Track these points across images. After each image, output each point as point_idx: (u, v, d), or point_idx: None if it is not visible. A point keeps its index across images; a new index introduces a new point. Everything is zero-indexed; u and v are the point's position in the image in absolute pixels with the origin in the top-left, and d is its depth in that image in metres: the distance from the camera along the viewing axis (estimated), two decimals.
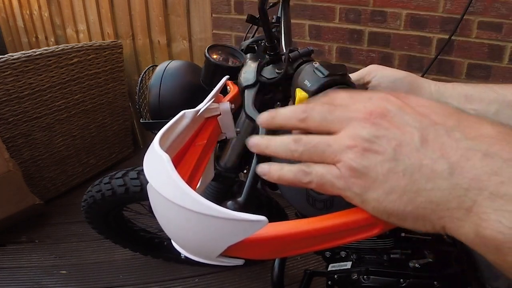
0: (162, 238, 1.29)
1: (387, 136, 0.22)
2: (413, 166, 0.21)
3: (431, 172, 0.21)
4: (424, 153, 0.21)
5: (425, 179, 0.21)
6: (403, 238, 0.69)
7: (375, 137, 0.23)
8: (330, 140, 0.24)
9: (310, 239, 0.26)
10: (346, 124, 0.24)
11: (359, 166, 0.23)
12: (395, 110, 0.23)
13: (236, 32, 1.60)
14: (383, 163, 0.22)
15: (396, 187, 0.22)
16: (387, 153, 0.22)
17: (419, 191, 0.21)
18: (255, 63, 0.47)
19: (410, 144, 0.22)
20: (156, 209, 0.27)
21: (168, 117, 0.34)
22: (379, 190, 0.22)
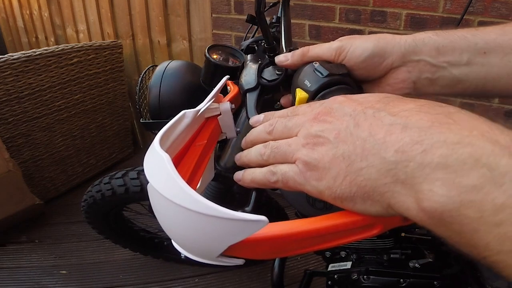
0: (162, 238, 1.29)
1: (329, 128, 0.25)
2: (349, 148, 0.23)
3: (362, 150, 0.22)
4: (356, 135, 0.23)
5: (359, 158, 0.23)
6: (403, 238, 0.69)
7: (321, 131, 0.25)
8: (289, 141, 0.28)
9: (310, 239, 0.26)
10: (301, 127, 0.27)
11: (310, 159, 0.25)
12: (337, 106, 0.26)
13: (236, 32, 1.60)
14: (327, 151, 0.24)
15: (340, 171, 0.24)
16: (329, 143, 0.25)
17: (357, 171, 0.23)
18: (256, 65, 0.47)
19: (346, 130, 0.24)
20: (156, 209, 0.27)
21: (168, 117, 0.34)
22: (328, 177, 0.24)
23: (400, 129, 0.21)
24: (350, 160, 0.23)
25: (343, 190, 0.24)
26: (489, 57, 0.36)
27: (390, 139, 0.21)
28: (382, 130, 0.22)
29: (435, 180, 0.18)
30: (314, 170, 0.25)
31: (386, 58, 0.38)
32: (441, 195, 0.18)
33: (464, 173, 0.18)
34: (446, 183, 0.18)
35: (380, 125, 0.22)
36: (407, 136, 0.20)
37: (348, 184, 0.23)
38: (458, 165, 0.18)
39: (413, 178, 0.20)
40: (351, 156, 0.23)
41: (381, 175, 0.21)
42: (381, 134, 0.22)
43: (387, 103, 0.24)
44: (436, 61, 0.37)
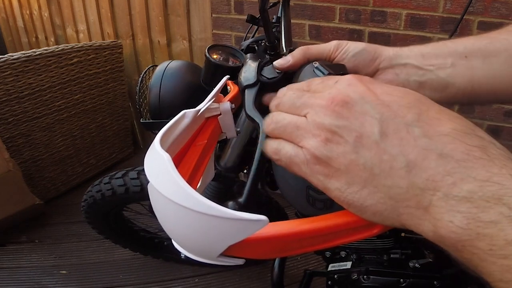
0: (162, 238, 1.29)
1: (348, 127, 0.23)
2: (373, 160, 0.22)
3: (390, 168, 0.21)
4: (384, 148, 0.21)
5: (384, 175, 0.21)
6: (403, 238, 0.69)
7: (336, 126, 0.23)
8: (297, 122, 0.25)
9: (310, 239, 0.26)
10: (310, 110, 0.25)
11: (321, 155, 0.23)
12: (357, 98, 0.23)
13: (236, 32, 1.61)
14: (345, 154, 0.22)
15: (357, 179, 0.22)
16: (348, 145, 0.22)
17: (378, 186, 0.22)
18: (255, 63, 0.47)
19: (370, 137, 0.22)
20: (156, 209, 0.27)
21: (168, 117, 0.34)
22: (341, 180, 0.23)
23: (435, 156, 0.20)
24: (373, 173, 0.22)
25: (356, 199, 0.23)
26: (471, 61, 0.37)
27: (423, 164, 0.20)
28: (415, 152, 0.21)
29: (457, 213, 0.19)
30: (324, 166, 0.23)
31: (376, 57, 0.41)
32: (460, 227, 0.19)
33: (485, 210, 0.18)
34: (467, 217, 0.19)
35: (413, 145, 0.21)
36: (441, 166, 0.20)
37: (363, 196, 0.22)
38: (482, 202, 0.18)
39: (436, 207, 0.20)
40: (374, 169, 0.22)
41: (405, 198, 0.21)
42: (413, 156, 0.21)
43: (419, 114, 0.22)
44: (422, 64, 0.39)
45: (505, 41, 0.37)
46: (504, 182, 0.19)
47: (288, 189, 0.61)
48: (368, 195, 0.22)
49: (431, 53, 0.39)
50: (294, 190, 0.59)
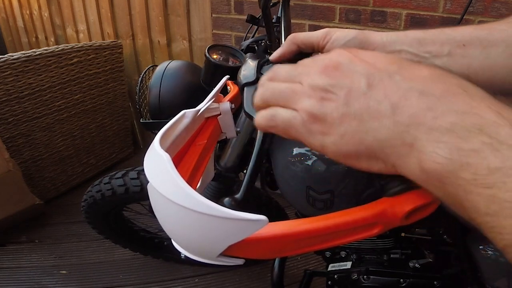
0: (162, 238, 1.29)
1: (339, 85, 0.25)
2: (361, 108, 0.23)
3: (376, 112, 0.23)
4: (370, 96, 0.23)
5: (371, 119, 0.23)
6: (403, 238, 0.69)
7: (330, 85, 0.25)
8: (293, 86, 0.27)
9: (310, 239, 0.26)
10: (305, 76, 0.26)
11: (318, 112, 0.25)
12: (346, 62, 0.26)
13: (236, 32, 1.60)
14: (337, 108, 0.24)
15: (349, 129, 0.24)
16: (340, 100, 0.24)
17: (368, 130, 0.23)
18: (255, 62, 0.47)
19: (358, 90, 0.24)
20: (156, 209, 0.27)
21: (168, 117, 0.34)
22: (335, 133, 0.24)
23: (417, 95, 0.22)
24: (361, 120, 0.23)
25: (350, 148, 0.24)
26: (468, 49, 0.37)
27: (405, 103, 0.22)
28: (397, 94, 0.23)
29: (441, 143, 0.20)
30: (320, 124, 0.25)
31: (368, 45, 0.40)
32: (443, 157, 0.20)
33: (467, 139, 0.19)
34: (449, 147, 0.20)
35: (395, 89, 0.23)
36: (423, 103, 0.21)
37: (356, 142, 0.24)
38: (463, 132, 0.19)
39: (420, 141, 0.21)
40: (363, 115, 0.23)
41: (391, 137, 0.22)
42: (396, 98, 0.22)
43: (400, 66, 0.24)
44: (418, 51, 0.38)
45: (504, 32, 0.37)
46: (483, 114, 0.20)
47: (288, 189, 0.61)
48: (359, 141, 0.23)
49: (427, 39, 0.38)
50: (294, 190, 0.59)
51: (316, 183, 0.55)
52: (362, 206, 0.26)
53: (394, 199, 0.25)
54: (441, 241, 0.68)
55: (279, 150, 0.59)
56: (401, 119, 0.22)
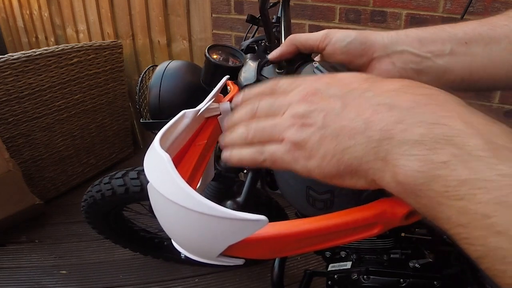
0: (162, 238, 1.29)
1: (317, 109, 0.25)
2: (336, 128, 0.24)
3: (350, 130, 0.23)
4: (344, 116, 0.24)
5: (347, 138, 0.23)
6: (403, 238, 0.69)
7: (308, 112, 0.26)
8: (275, 121, 0.28)
9: (310, 239, 0.26)
10: (287, 108, 0.27)
11: (299, 139, 0.25)
12: (323, 87, 0.27)
13: (236, 32, 1.61)
14: (316, 132, 0.25)
15: (328, 150, 0.24)
16: (317, 124, 0.25)
17: (344, 149, 0.24)
18: (255, 63, 0.47)
19: (333, 111, 0.25)
20: (156, 209, 0.27)
21: (168, 117, 0.34)
22: (317, 157, 0.25)
23: (386, 109, 0.22)
24: (338, 140, 0.24)
25: (332, 169, 0.24)
26: (471, 47, 0.37)
27: (376, 118, 0.22)
28: (369, 110, 0.23)
29: (411, 156, 0.20)
30: (303, 150, 0.25)
31: (369, 46, 0.39)
32: (414, 170, 0.20)
33: (436, 151, 0.19)
34: (420, 159, 0.20)
35: (367, 106, 0.23)
36: (392, 116, 0.22)
37: (336, 163, 0.24)
38: (432, 143, 0.19)
39: (392, 155, 0.21)
40: (339, 136, 0.24)
41: (365, 153, 0.23)
42: (368, 114, 0.23)
43: (372, 83, 0.25)
44: (420, 51, 0.38)
45: (506, 27, 0.37)
46: (452, 123, 0.20)
47: (288, 189, 0.61)
48: (339, 161, 0.24)
49: (428, 38, 0.38)
50: (294, 190, 0.59)
51: (316, 183, 0.55)
52: (362, 206, 0.26)
53: (394, 199, 0.25)
54: (441, 241, 0.68)
55: None
56: (373, 134, 0.22)
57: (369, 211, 0.25)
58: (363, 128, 0.23)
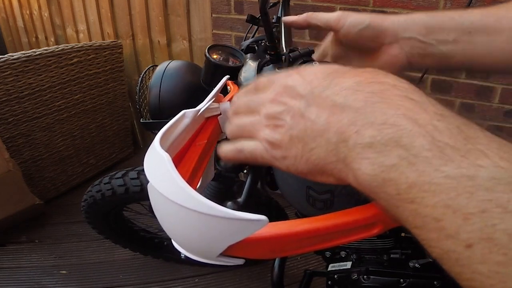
0: (162, 238, 1.29)
1: (286, 110, 0.26)
2: (301, 130, 0.24)
3: (312, 132, 0.24)
4: (307, 116, 0.24)
5: (310, 140, 0.24)
6: (403, 238, 0.69)
7: (279, 113, 0.26)
8: (253, 120, 0.29)
9: (310, 239, 0.26)
10: (263, 107, 0.28)
11: (273, 139, 0.26)
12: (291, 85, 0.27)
13: (236, 32, 1.61)
14: (286, 133, 0.26)
15: (297, 151, 0.25)
16: (287, 125, 0.26)
17: (310, 150, 0.24)
18: (255, 63, 0.47)
19: (299, 112, 0.25)
20: (156, 209, 0.27)
21: (168, 117, 0.34)
22: (290, 156, 0.26)
23: (339, 110, 0.22)
24: (304, 142, 0.24)
25: (303, 167, 0.25)
26: (474, 37, 0.39)
27: (332, 120, 0.23)
28: (326, 111, 0.23)
29: (363, 159, 0.20)
30: (278, 149, 0.26)
31: (380, 33, 0.42)
32: (367, 174, 0.20)
33: (386, 153, 0.19)
34: (372, 163, 0.20)
35: (324, 106, 0.23)
36: (345, 117, 0.22)
37: (305, 162, 0.25)
38: (382, 146, 0.19)
39: (348, 158, 0.21)
40: (304, 138, 0.24)
41: (327, 155, 0.23)
42: (325, 115, 0.23)
43: (332, 79, 0.25)
44: (426, 39, 0.41)
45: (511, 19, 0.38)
46: (400, 123, 0.19)
47: (288, 189, 0.61)
48: (307, 160, 0.24)
49: (435, 26, 0.41)
50: (294, 190, 0.59)
51: (316, 183, 0.55)
52: (362, 206, 0.26)
53: None
54: None
55: None
56: (330, 136, 0.22)
57: (369, 211, 0.25)
58: (322, 130, 0.23)
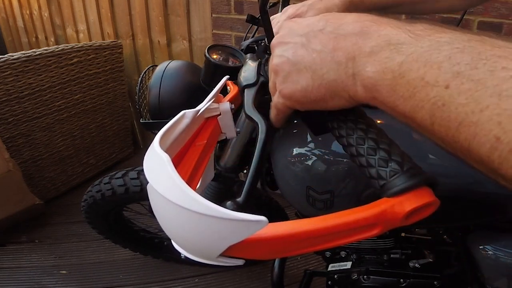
0: (162, 238, 1.29)
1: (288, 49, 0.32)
2: (308, 61, 0.30)
3: (321, 60, 0.29)
4: (311, 49, 0.30)
5: (319, 67, 0.29)
6: (403, 238, 0.69)
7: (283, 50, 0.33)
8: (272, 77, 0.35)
9: (310, 239, 0.26)
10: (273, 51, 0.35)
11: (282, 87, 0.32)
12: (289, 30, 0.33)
13: (236, 32, 1.60)
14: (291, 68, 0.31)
15: (308, 80, 0.30)
16: (289, 61, 0.31)
17: (322, 76, 0.29)
18: (255, 63, 0.47)
19: (301, 47, 0.31)
20: (156, 209, 0.27)
21: (168, 117, 0.34)
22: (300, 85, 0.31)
23: (343, 38, 0.28)
24: (313, 70, 0.29)
25: (316, 95, 0.30)
26: None
27: (338, 46, 0.28)
28: (331, 42, 0.29)
29: (368, 64, 0.26)
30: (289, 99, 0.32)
31: None
32: (372, 72, 0.25)
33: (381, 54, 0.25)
34: (373, 64, 0.25)
35: (328, 39, 0.29)
36: (349, 42, 0.28)
37: (317, 89, 0.30)
38: (379, 49, 0.25)
39: (356, 69, 0.27)
40: (312, 67, 0.30)
41: (338, 76, 0.28)
42: (331, 45, 0.29)
43: (328, 20, 0.31)
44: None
45: None
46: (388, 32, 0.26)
47: (288, 189, 0.61)
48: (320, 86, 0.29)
49: None
50: (294, 190, 0.59)
51: (316, 183, 0.55)
52: (362, 206, 0.26)
53: (394, 199, 0.25)
54: (441, 241, 0.68)
55: (279, 150, 0.59)
56: (340, 59, 0.28)
57: (369, 212, 0.25)
58: (331, 55, 0.28)
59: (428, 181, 0.25)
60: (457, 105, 0.20)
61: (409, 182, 0.25)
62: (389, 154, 0.28)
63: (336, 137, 0.33)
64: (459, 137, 0.21)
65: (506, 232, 0.58)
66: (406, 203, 0.25)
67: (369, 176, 0.28)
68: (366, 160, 0.29)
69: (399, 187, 0.25)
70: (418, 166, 0.27)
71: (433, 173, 0.26)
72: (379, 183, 0.27)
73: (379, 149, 0.28)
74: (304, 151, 0.56)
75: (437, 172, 0.50)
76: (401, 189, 0.25)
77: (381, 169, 0.27)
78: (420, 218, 0.26)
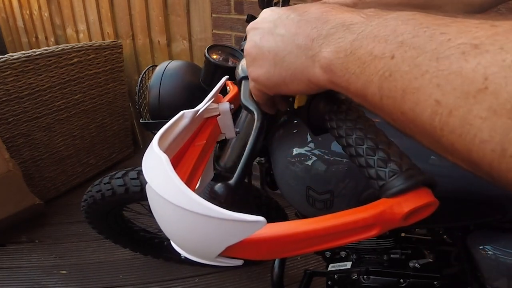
0: (162, 238, 1.29)
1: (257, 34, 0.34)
2: (271, 44, 0.32)
3: (283, 43, 0.31)
4: (276, 34, 0.32)
5: (281, 50, 0.31)
6: (403, 238, 0.69)
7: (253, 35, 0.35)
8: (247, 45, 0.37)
9: (309, 240, 0.26)
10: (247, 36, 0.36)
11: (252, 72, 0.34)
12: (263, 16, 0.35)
13: (236, 32, 1.60)
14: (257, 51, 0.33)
15: (270, 63, 0.32)
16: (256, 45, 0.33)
17: (283, 59, 0.30)
18: None
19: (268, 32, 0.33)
20: (155, 210, 0.27)
21: (167, 117, 0.34)
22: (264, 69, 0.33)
23: (304, 23, 0.30)
24: (275, 53, 0.31)
25: (277, 77, 0.31)
26: None
27: (300, 30, 0.30)
28: (294, 26, 0.30)
29: (324, 45, 0.27)
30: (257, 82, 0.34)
31: None
32: (327, 52, 0.27)
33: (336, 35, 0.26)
34: (328, 44, 0.27)
35: (292, 24, 0.31)
36: (309, 25, 0.29)
37: (278, 71, 0.31)
38: (334, 31, 0.27)
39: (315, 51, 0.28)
40: (274, 50, 0.31)
41: (298, 57, 0.29)
42: (294, 29, 0.30)
43: (295, 9, 0.33)
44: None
45: None
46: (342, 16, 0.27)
47: (288, 189, 0.61)
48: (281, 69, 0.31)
49: None
50: (294, 190, 0.59)
51: (316, 183, 0.55)
52: (362, 207, 0.26)
53: (393, 200, 0.25)
54: (441, 241, 0.68)
55: (279, 150, 0.59)
56: (300, 42, 0.29)
57: (368, 212, 0.25)
58: (292, 39, 0.30)
59: (427, 181, 0.25)
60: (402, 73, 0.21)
61: (408, 183, 0.25)
62: (388, 155, 0.28)
63: (335, 137, 0.33)
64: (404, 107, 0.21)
65: (506, 232, 0.58)
66: (405, 203, 0.25)
67: (368, 176, 0.28)
68: (365, 161, 0.28)
69: (397, 188, 0.25)
70: (417, 166, 0.27)
71: (432, 173, 0.26)
72: (378, 184, 0.27)
73: (378, 150, 0.28)
74: (304, 151, 0.56)
75: (436, 173, 0.50)
76: (400, 190, 0.25)
77: (380, 170, 0.27)
78: (419, 219, 0.26)
